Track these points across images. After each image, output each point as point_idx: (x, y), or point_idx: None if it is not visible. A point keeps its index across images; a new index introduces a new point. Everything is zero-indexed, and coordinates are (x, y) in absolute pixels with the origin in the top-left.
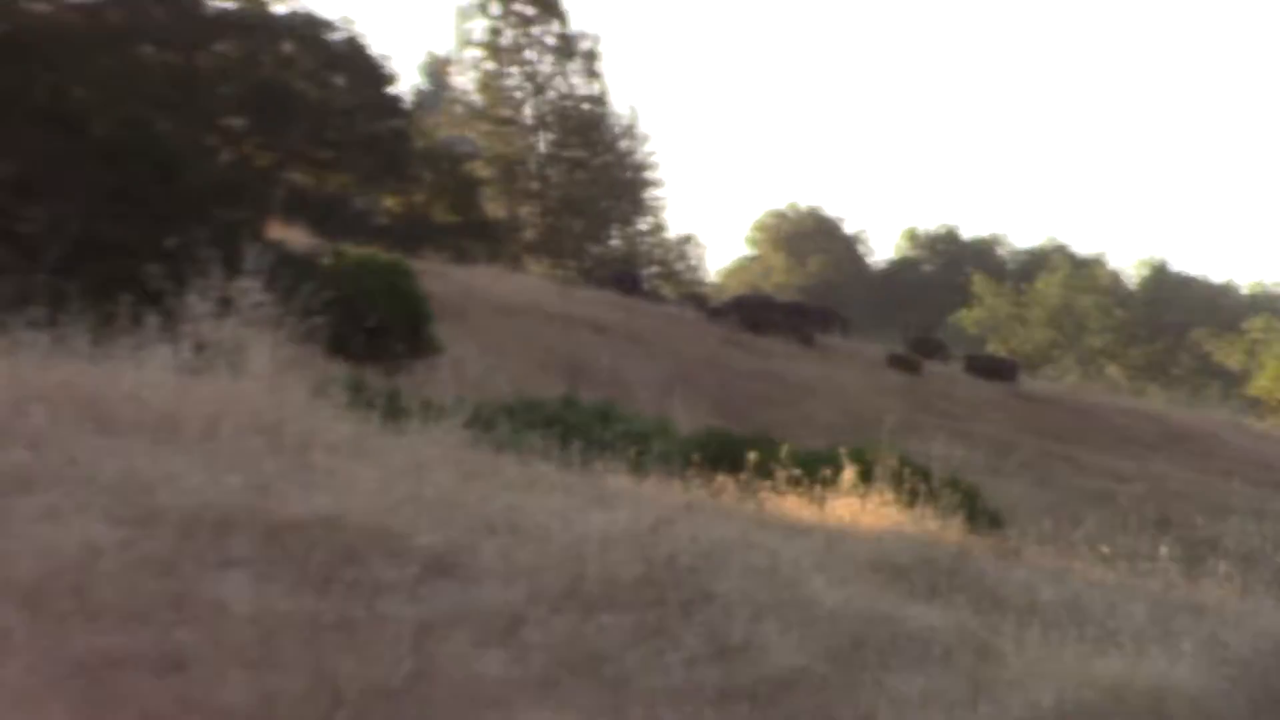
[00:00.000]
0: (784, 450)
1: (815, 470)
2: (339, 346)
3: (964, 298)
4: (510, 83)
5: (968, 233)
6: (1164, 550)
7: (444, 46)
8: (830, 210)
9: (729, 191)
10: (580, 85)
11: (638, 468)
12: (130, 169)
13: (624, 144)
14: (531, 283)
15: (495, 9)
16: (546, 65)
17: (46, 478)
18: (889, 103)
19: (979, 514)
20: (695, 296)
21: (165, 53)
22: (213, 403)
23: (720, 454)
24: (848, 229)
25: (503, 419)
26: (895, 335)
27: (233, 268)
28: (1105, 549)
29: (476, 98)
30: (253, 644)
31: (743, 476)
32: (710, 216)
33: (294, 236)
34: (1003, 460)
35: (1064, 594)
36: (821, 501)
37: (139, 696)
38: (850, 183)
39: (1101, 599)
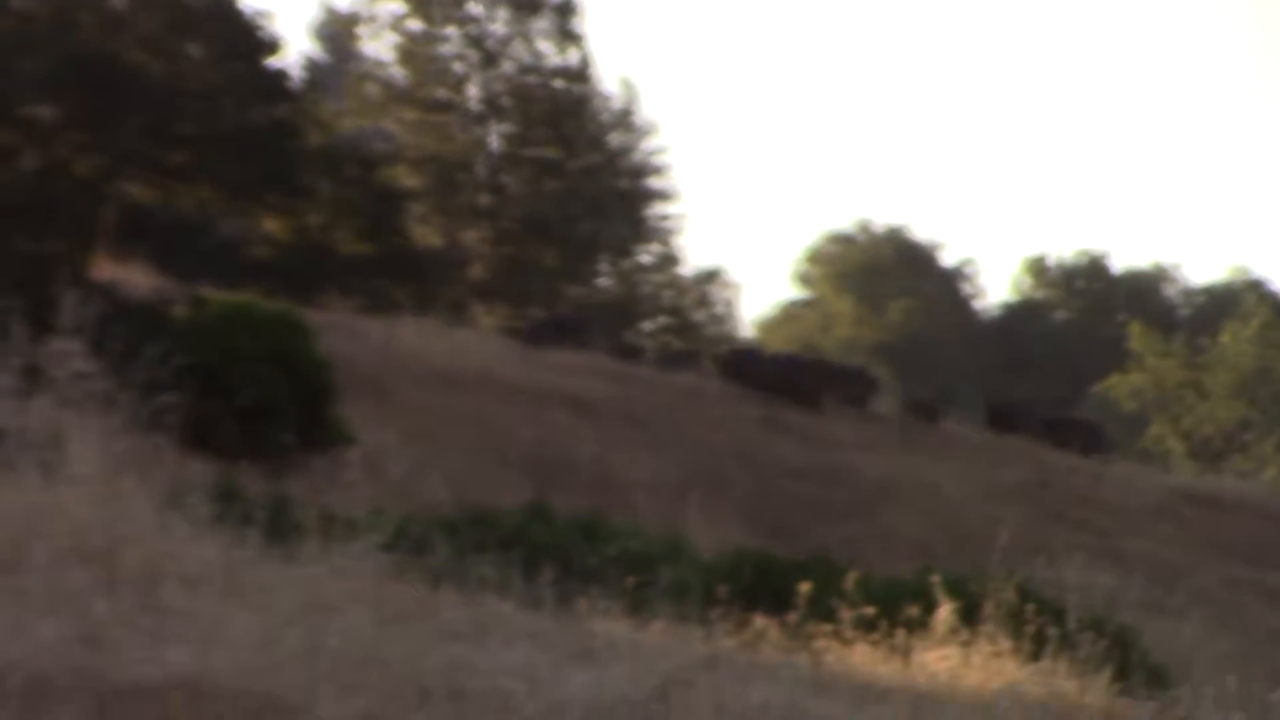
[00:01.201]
0: (850, 580)
1: (897, 608)
2: (200, 436)
3: (1115, 357)
4: (446, 50)
5: (1120, 263)
6: None
7: None
8: (919, 232)
9: (771, 211)
10: (550, 53)
11: (638, 606)
12: None
13: (617, 138)
14: (481, 343)
15: None
16: (500, 23)
17: None
18: (1003, 82)
19: (1134, 669)
20: (731, 355)
21: None
22: (17, 519)
23: (758, 586)
24: (945, 259)
25: (441, 538)
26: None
27: (42, 323)
28: None
29: (397, 72)
30: None
31: (791, 618)
32: (745, 246)
33: (131, 277)
34: (1169, 592)
35: None
36: (906, 653)
37: None
38: (947, 195)
39: None
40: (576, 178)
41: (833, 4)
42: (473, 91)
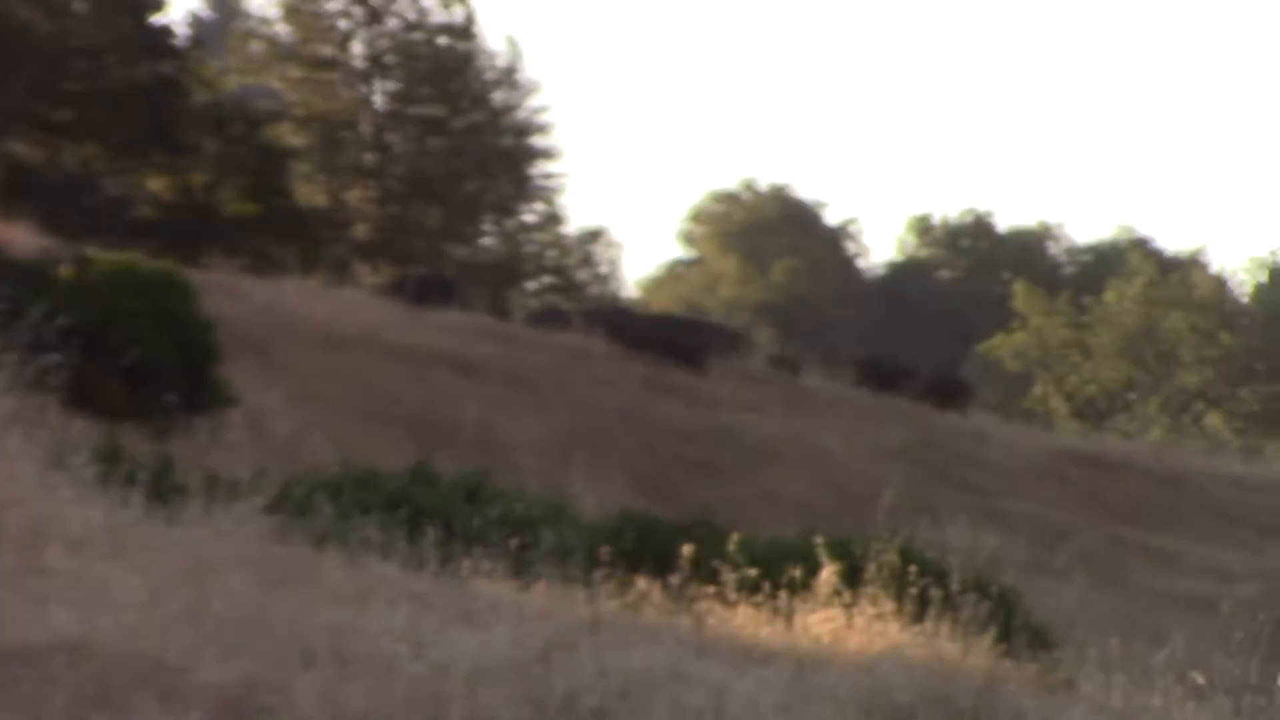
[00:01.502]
0: (734, 542)
1: (780, 570)
2: (84, 396)
3: (1000, 316)
4: (332, 6)
5: (1005, 222)
6: None
7: None
8: (804, 191)
9: (655, 169)
10: (435, 10)
11: (521, 569)
12: None
13: (500, 96)
14: (365, 302)
15: None
16: None
17: None
18: (887, 38)
19: (1017, 630)
20: (600, 312)
21: None
22: None
23: (642, 548)
24: (830, 219)
25: (325, 499)
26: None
27: None
28: (1199, 678)
29: (281, 29)
30: None
31: (674, 580)
32: (628, 205)
33: (15, 236)
34: (1053, 552)
35: None
36: (789, 615)
37: None
38: (829, 154)
39: None
40: (461, 136)
41: None
42: (357, 49)
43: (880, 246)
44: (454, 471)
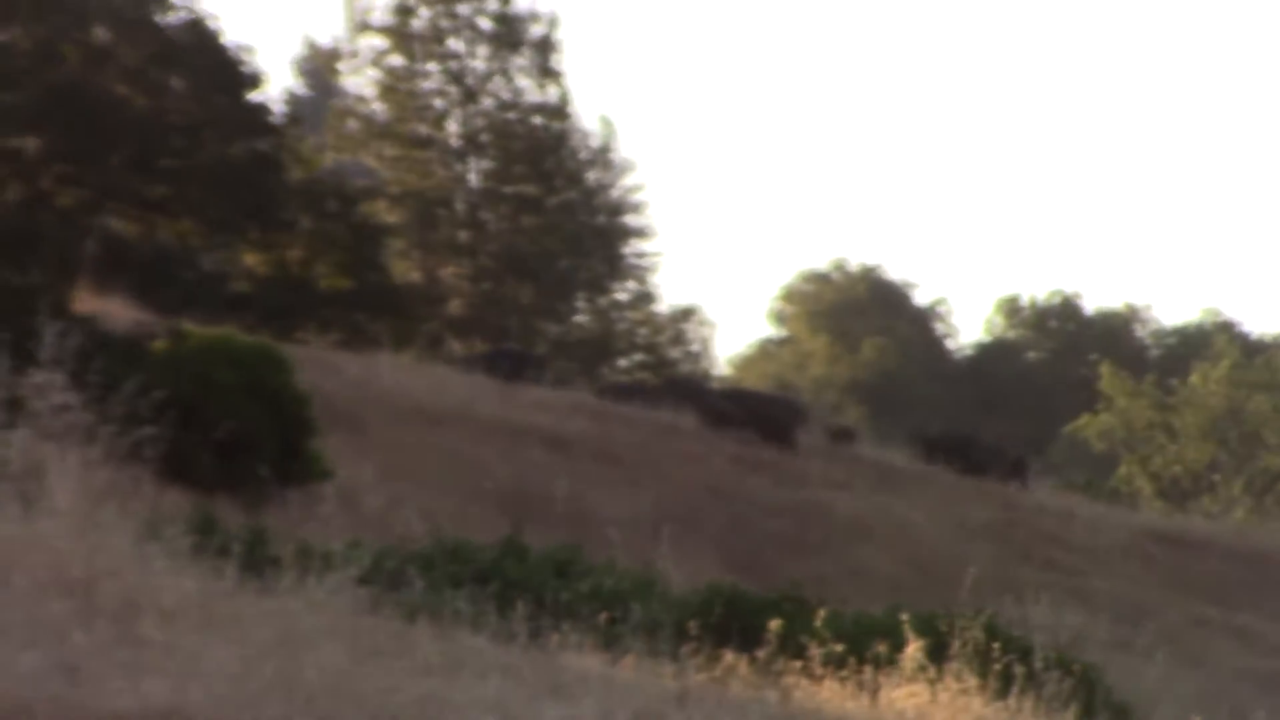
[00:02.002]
0: (820, 617)
1: (866, 645)
2: (179, 469)
3: (1086, 397)
4: (427, 85)
5: (1093, 304)
6: None
7: (329, 33)
8: (894, 272)
9: (747, 249)
10: (529, 90)
11: (611, 642)
12: None
13: (594, 175)
14: (458, 378)
15: None
16: (480, 60)
17: None
18: (978, 125)
19: (1099, 708)
20: (683, 384)
21: None
22: None
23: (729, 622)
24: (919, 299)
25: (416, 572)
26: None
27: (24, 355)
28: None
29: (377, 107)
30: None
31: (761, 654)
32: (720, 284)
33: (111, 309)
34: (1136, 630)
35: None
36: (874, 690)
37: None
38: (923, 236)
39: None
40: (554, 214)
41: (813, 45)
42: (453, 127)
43: (969, 327)
44: (544, 545)
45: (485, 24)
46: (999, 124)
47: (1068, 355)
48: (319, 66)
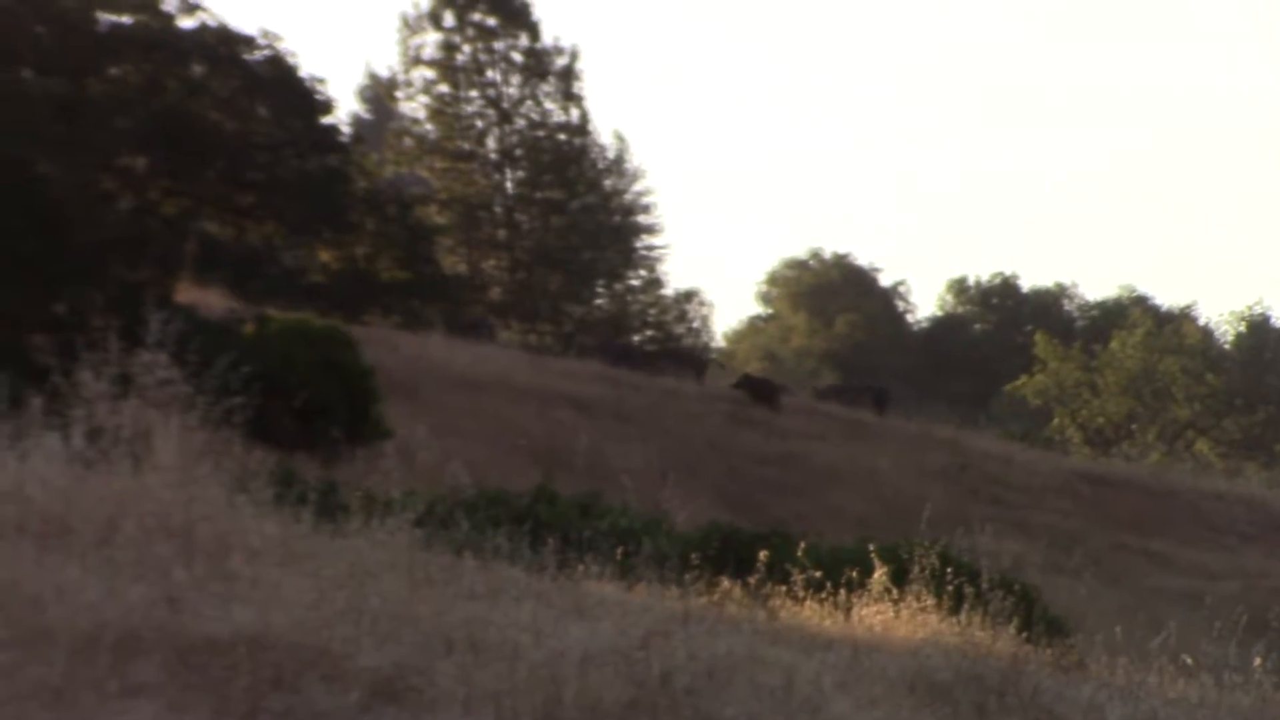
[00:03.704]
0: (801, 548)
1: (839, 572)
2: (263, 432)
3: (1024, 362)
4: (469, 109)
5: (1028, 283)
6: (1259, 660)
7: (388, 66)
8: (862, 258)
9: (739, 240)
10: (555, 111)
11: (625, 571)
12: (7, 221)
13: (610, 182)
14: (497, 352)
15: (449, 20)
16: (513, 87)
17: None
18: (930, 131)
19: (1037, 621)
20: (689, 358)
21: (49, 78)
22: (111, 501)
23: (725, 554)
24: (884, 280)
25: (462, 515)
26: (942, 408)
27: (133, 338)
28: (1188, 659)
29: (428, 128)
30: None
31: (752, 580)
32: (717, 270)
33: (208, 299)
34: (1067, 556)
35: (1137, 714)
36: (847, 609)
37: None
38: (885, 227)
39: (1184, 719)
40: (577, 215)
41: (786, 52)
42: (491, 144)
43: (925, 303)
44: (570, 492)
45: (517, 57)
46: (952, 122)
47: (1007, 326)
48: (379, 94)
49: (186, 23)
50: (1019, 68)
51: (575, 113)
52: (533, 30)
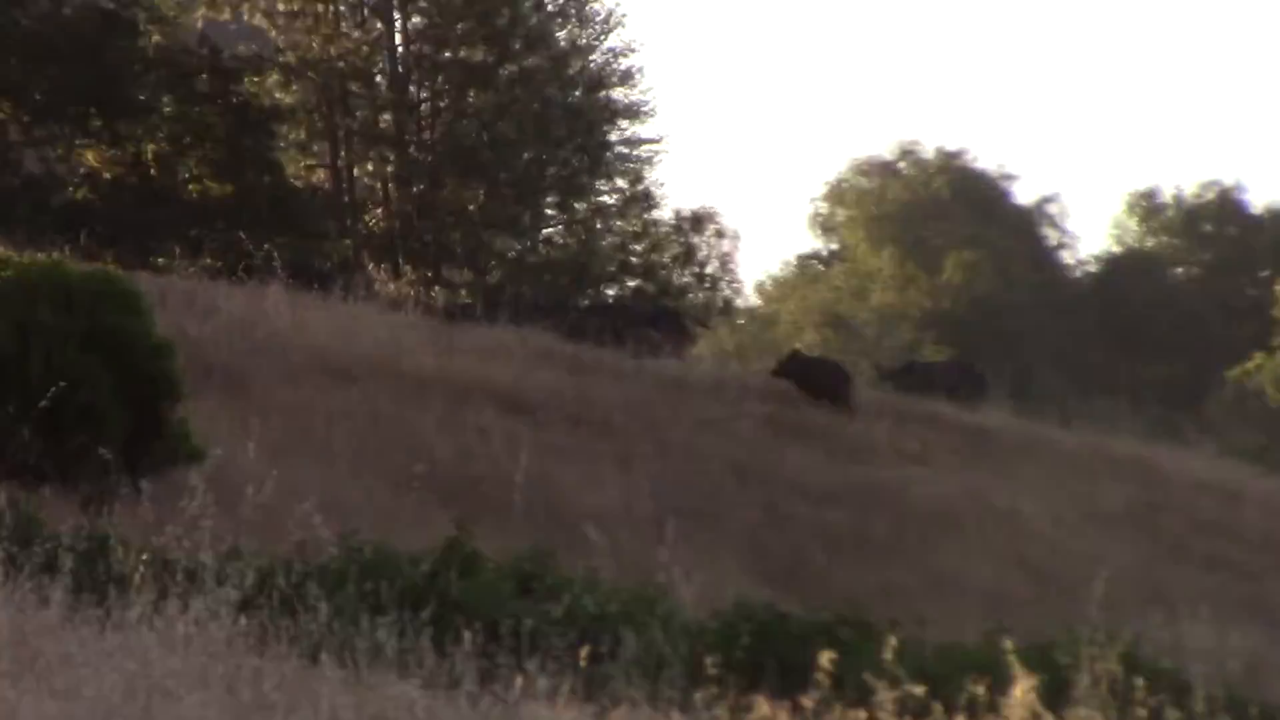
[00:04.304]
0: (891, 646)
1: (957, 686)
2: None
3: (1259, 329)
4: None
5: (1260, 199)
6: None
7: None
8: (983, 160)
9: (781, 138)
10: None
11: (595, 686)
12: None
13: (566, 34)
14: (378, 318)
15: None
16: None
17: None
18: None
19: None
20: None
21: None
22: None
23: (762, 655)
24: (1021, 196)
25: (320, 592)
26: (1122, 406)
27: None
28: None
29: None
30: None
31: (808, 701)
32: (745, 181)
33: None
34: None
35: None
36: None
37: None
38: (1017, 112)
39: None
40: (511, 88)
41: None
42: None
43: (1091, 234)
44: (501, 551)
45: None
46: None
47: (1229, 270)
48: None
49: None
50: None
51: None
52: None
